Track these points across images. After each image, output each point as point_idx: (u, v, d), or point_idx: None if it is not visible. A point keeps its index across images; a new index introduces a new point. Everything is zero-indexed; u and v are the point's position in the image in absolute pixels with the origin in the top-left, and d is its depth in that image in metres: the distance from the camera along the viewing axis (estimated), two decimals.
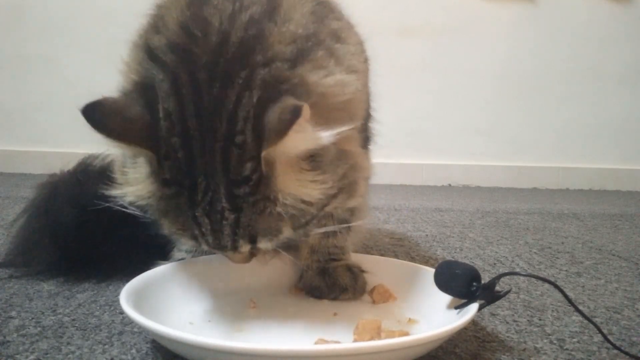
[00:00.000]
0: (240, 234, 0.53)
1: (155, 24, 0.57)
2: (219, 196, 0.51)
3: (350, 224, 0.69)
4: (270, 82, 0.50)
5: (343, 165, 0.56)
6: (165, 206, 0.53)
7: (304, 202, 0.52)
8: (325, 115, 0.51)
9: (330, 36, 0.57)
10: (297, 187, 0.52)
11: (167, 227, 0.55)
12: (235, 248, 0.54)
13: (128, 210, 0.59)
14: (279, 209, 0.52)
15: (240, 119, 0.50)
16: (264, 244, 0.54)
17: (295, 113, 0.47)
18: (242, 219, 0.51)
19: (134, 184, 0.55)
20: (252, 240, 0.53)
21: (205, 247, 0.55)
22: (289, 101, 0.48)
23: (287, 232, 0.54)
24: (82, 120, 0.50)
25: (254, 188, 0.50)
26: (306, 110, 0.47)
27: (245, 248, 0.54)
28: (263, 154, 0.49)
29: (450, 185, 2.51)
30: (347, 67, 0.57)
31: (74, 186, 0.82)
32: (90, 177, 0.83)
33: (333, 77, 0.54)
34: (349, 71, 0.57)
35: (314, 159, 0.53)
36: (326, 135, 0.50)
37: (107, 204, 0.80)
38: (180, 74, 0.51)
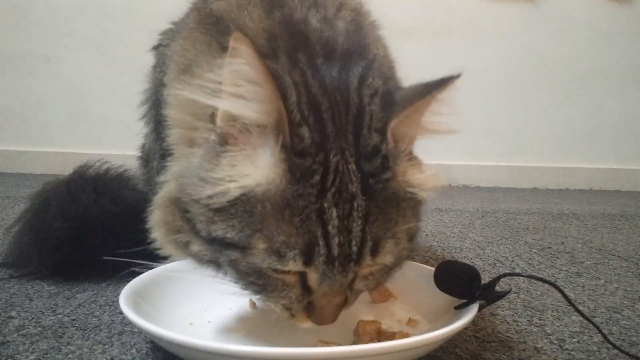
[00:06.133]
0: (368, 233, 0.45)
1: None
2: (349, 177, 0.45)
3: None
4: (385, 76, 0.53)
5: None
6: (283, 199, 0.44)
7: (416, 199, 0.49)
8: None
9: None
10: (413, 175, 0.49)
11: (267, 243, 0.44)
12: (359, 257, 0.46)
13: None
14: (402, 201, 0.47)
15: (366, 95, 0.49)
16: (382, 256, 0.47)
17: (452, 79, 0.49)
18: (371, 209, 0.45)
19: (237, 175, 0.45)
20: (375, 248, 0.46)
21: (320, 262, 0.45)
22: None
23: (402, 242, 0.48)
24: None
25: (383, 163, 0.47)
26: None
27: (367, 260, 0.46)
28: (392, 123, 0.47)
29: (450, 185, 2.51)
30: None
31: (66, 198, 0.82)
32: (84, 187, 0.83)
33: None
34: None
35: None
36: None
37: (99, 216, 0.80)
38: (297, 54, 0.49)
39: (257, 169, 0.45)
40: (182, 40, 0.62)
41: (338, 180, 0.44)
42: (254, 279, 0.47)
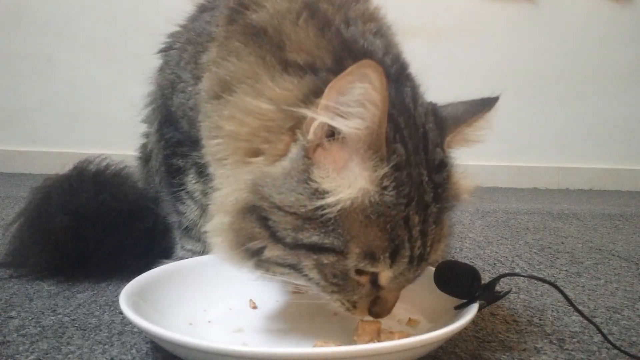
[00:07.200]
0: (435, 234, 0.51)
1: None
2: (424, 187, 0.50)
3: None
4: None
5: None
6: (379, 206, 0.47)
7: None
8: None
9: None
10: (460, 182, 0.56)
11: (362, 247, 0.48)
12: (428, 257, 0.52)
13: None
14: (453, 204, 0.55)
15: (422, 114, 0.53)
16: (440, 252, 0.54)
17: (495, 100, 0.59)
18: (439, 214, 0.51)
19: (342, 187, 0.47)
20: (437, 247, 0.53)
21: (403, 263, 0.49)
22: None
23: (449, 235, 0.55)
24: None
25: (448, 175, 0.53)
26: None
27: (433, 257, 0.53)
28: (447, 138, 0.54)
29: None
30: None
31: (67, 192, 0.82)
32: (84, 182, 0.84)
33: None
34: None
35: None
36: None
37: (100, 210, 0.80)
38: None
39: (356, 180, 0.47)
40: (216, 49, 0.61)
41: (418, 191, 0.49)
42: (337, 280, 0.50)
